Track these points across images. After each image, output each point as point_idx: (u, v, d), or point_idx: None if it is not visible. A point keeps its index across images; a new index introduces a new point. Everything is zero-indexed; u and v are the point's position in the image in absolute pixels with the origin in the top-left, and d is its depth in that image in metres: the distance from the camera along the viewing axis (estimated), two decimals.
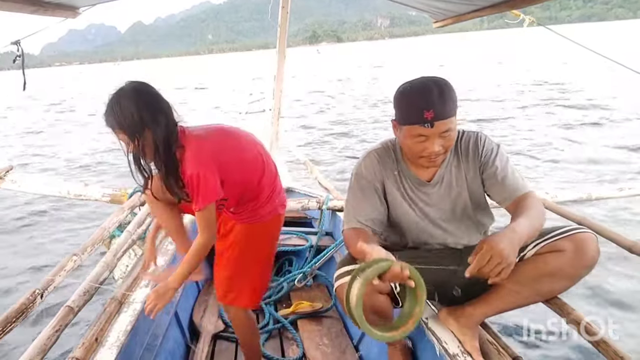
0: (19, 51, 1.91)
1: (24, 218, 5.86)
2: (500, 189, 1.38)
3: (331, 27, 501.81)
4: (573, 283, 1.32)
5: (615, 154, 7.16)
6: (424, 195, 1.47)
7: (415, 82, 1.33)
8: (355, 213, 1.44)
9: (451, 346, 1.38)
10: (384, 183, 1.48)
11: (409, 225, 1.50)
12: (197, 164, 1.38)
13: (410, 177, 1.47)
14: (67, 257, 1.78)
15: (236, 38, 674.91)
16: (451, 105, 1.30)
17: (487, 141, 1.44)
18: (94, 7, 2.12)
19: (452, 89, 1.32)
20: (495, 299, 1.38)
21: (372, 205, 1.45)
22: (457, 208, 1.47)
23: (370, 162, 1.49)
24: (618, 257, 3.13)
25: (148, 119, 1.34)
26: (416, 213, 1.48)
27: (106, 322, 1.54)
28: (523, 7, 1.86)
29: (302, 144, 9.18)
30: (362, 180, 1.47)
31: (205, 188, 1.38)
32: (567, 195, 2.62)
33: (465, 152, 1.45)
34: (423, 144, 1.33)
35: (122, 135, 1.37)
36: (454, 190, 1.45)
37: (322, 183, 3.48)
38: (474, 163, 1.43)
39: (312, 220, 3.32)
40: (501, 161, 1.40)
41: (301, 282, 2.56)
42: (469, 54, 38.91)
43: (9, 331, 1.33)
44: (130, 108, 1.33)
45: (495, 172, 1.39)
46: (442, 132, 1.30)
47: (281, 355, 2.04)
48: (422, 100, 1.28)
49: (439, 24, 2.38)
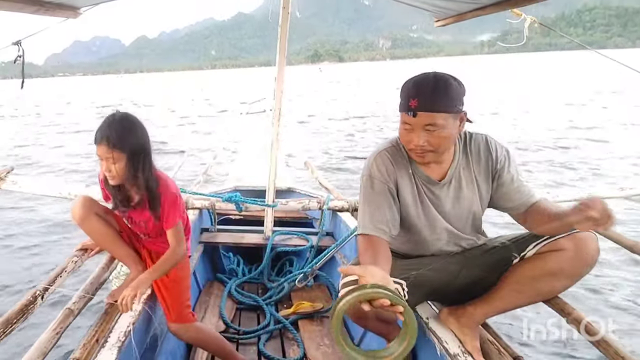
0: (20, 51, 1.91)
1: (24, 218, 5.86)
2: (515, 195, 1.39)
3: (333, 47, 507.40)
4: (573, 282, 1.33)
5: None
6: (432, 196, 1.43)
7: (421, 74, 1.34)
8: (371, 218, 1.37)
9: (452, 346, 1.38)
10: (398, 183, 1.42)
11: (417, 226, 1.46)
12: (175, 188, 1.67)
13: (422, 175, 1.42)
14: (68, 258, 1.79)
15: (239, 54, 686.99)
16: (443, 100, 1.26)
17: (498, 146, 1.43)
18: (96, 6, 2.12)
19: (453, 88, 1.27)
20: (496, 299, 1.38)
21: (388, 207, 1.39)
22: (465, 209, 1.45)
23: (382, 162, 1.42)
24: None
25: (148, 145, 1.59)
26: (425, 213, 1.45)
27: (106, 323, 1.55)
28: (524, 5, 1.85)
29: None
30: (375, 181, 1.40)
31: (179, 208, 1.66)
32: (567, 195, 2.62)
33: (476, 155, 1.42)
34: (409, 134, 1.32)
35: (118, 154, 1.52)
36: (463, 191, 1.43)
37: (323, 183, 3.48)
38: (487, 168, 1.41)
39: (313, 220, 3.33)
40: (515, 168, 1.41)
41: (302, 282, 2.56)
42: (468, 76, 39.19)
43: (9, 332, 1.33)
44: (138, 132, 1.57)
45: (512, 179, 1.40)
46: (426, 125, 1.27)
47: (282, 356, 2.04)
48: (413, 89, 1.29)
49: (441, 23, 2.38)
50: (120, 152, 1.52)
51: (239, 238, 2.85)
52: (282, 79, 2.52)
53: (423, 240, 1.49)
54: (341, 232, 2.76)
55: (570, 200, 2.61)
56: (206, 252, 2.78)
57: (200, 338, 1.81)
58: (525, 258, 1.36)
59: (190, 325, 1.74)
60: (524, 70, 40.32)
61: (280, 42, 2.43)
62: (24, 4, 1.60)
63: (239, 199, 2.75)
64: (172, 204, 1.63)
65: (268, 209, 2.78)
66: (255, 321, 2.34)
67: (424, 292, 1.52)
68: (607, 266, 3.65)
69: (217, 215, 2.93)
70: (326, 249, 2.61)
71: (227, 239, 2.85)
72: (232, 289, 2.53)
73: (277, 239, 2.80)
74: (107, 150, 1.51)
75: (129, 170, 1.55)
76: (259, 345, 2.08)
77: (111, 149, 1.50)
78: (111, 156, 1.51)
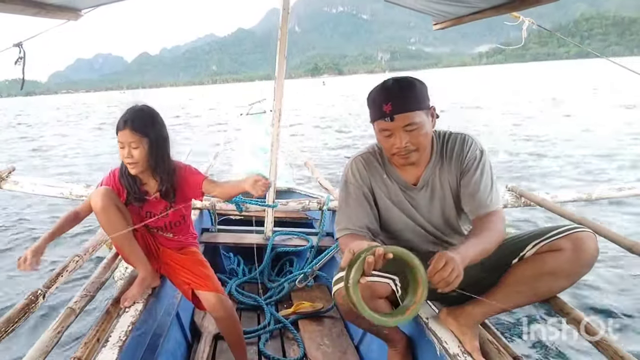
0: (21, 53, 1.92)
1: (25, 218, 5.87)
2: (469, 200, 1.39)
3: (332, 60, 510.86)
4: (572, 282, 1.33)
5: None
6: (410, 199, 1.46)
7: (380, 82, 1.36)
8: (347, 221, 1.43)
9: (451, 346, 1.38)
10: (372, 187, 1.47)
11: (399, 229, 1.50)
12: (194, 169, 1.77)
13: (398, 179, 1.46)
14: (69, 257, 1.80)
15: (239, 69, 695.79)
16: (413, 99, 1.30)
17: (472, 146, 1.42)
18: (96, 8, 2.13)
19: (417, 86, 1.32)
20: (495, 299, 1.39)
21: (364, 211, 1.44)
22: (444, 211, 1.46)
23: (357, 168, 1.48)
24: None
25: (167, 135, 1.69)
26: (405, 217, 1.48)
27: (108, 322, 1.55)
28: (522, 9, 1.86)
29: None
30: (351, 186, 1.46)
31: (197, 174, 1.76)
32: (567, 195, 2.62)
33: (450, 154, 1.43)
34: (390, 139, 1.34)
35: (140, 139, 1.58)
36: (438, 193, 1.45)
37: (323, 184, 3.49)
38: (456, 166, 1.42)
39: (313, 220, 3.33)
40: (481, 172, 1.38)
41: (302, 282, 2.56)
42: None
43: (11, 331, 1.33)
44: (159, 121, 1.65)
45: (469, 182, 1.38)
46: (404, 126, 1.30)
47: (282, 356, 2.04)
48: (382, 95, 1.32)
49: (439, 26, 2.39)
50: (142, 136, 1.58)
51: (239, 238, 2.86)
52: (282, 80, 2.52)
53: (408, 241, 1.51)
54: None
55: (570, 200, 2.62)
56: (206, 252, 2.78)
57: (231, 317, 1.76)
58: (524, 258, 1.36)
59: (227, 299, 1.75)
60: (524, 79, 40.31)
61: (280, 43, 2.43)
62: (25, 6, 1.61)
63: (239, 199, 2.76)
64: (193, 181, 1.72)
65: (268, 209, 2.79)
66: (255, 321, 2.35)
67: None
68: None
69: (217, 215, 2.95)
70: (326, 249, 2.62)
71: (227, 239, 2.86)
72: (233, 288, 2.54)
73: (277, 239, 2.80)
74: (130, 135, 1.56)
75: (151, 156, 1.60)
76: (259, 345, 2.09)
77: (134, 134, 1.56)
78: (134, 140, 1.57)
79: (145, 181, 1.70)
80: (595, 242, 1.29)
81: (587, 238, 1.27)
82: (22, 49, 1.86)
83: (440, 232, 1.50)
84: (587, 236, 1.28)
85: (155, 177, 1.68)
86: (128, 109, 1.61)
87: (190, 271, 1.76)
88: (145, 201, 1.71)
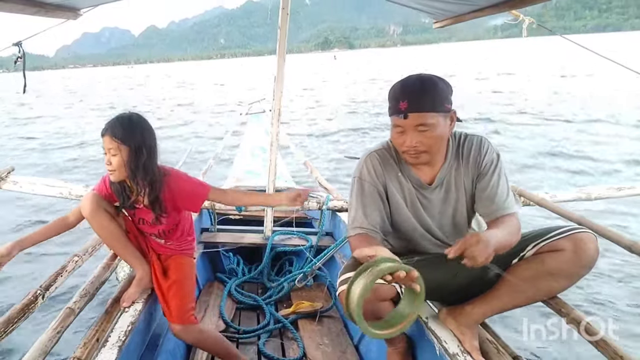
0: (20, 52, 1.91)
1: (25, 218, 5.86)
2: (486, 203, 1.38)
3: (343, 34, 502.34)
4: (572, 282, 1.33)
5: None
6: (423, 199, 1.45)
7: (405, 77, 1.36)
8: (360, 219, 1.39)
9: (451, 345, 1.38)
10: (387, 185, 1.44)
11: (408, 229, 1.48)
12: (185, 176, 1.74)
13: (412, 178, 1.44)
14: (69, 257, 1.79)
15: (248, 43, 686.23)
16: (430, 100, 1.28)
17: (489, 149, 1.41)
18: (96, 7, 2.13)
19: (438, 87, 1.30)
20: (494, 299, 1.39)
21: (377, 209, 1.41)
22: (456, 213, 1.46)
23: (371, 164, 1.44)
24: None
25: (152, 146, 1.63)
26: (416, 216, 1.46)
27: (107, 323, 1.55)
28: (523, 7, 1.86)
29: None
30: (365, 183, 1.43)
31: (197, 186, 1.74)
32: (567, 195, 2.62)
33: (466, 156, 1.42)
34: (402, 136, 1.33)
35: (119, 147, 1.55)
36: (453, 194, 1.44)
37: (322, 183, 3.48)
38: (473, 170, 1.42)
39: (313, 220, 3.33)
40: (498, 175, 1.39)
41: (301, 282, 2.56)
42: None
43: (10, 331, 1.33)
44: (144, 131, 1.61)
45: (487, 185, 1.38)
46: (417, 126, 1.29)
47: (281, 355, 2.04)
48: (400, 92, 1.31)
49: (439, 25, 2.39)
50: (121, 143, 1.55)
51: (239, 238, 2.86)
52: (281, 80, 2.52)
53: (415, 241, 1.50)
54: (340, 232, 2.77)
55: (569, 200, 2.62)
56: (206, 252, 2.78)
57: (203, 339, 1.77)
58: (524, 258, 1.36)
59: (193, 327, 1.71)
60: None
61: (280, 44, 2.43)
62: (24, 5, 1.61)
63: None
64: (190, 193, 1.70)
65: (268, 208, 2.79)
66: (255, 321, 2.35)
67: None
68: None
69: (217, 215, 2.94)
70: (326, 248, 2.61)
71: (227, 239, 2.86)
72: (232, 288, 2.54)
73: (276, 238, 2.80)
74: (109, 141, 1.55)
75: (129, 165, 1.57)
76: (259, 344, 2.08)
77: (113, 140, 1.54)
78: (113, 147, 1.55)
79: (133, 189, 1.67)
80: (596, 243, 1.29)
81: (588, 239, 1.28)
82: (21, 48, 1.86)
83: (446, 236, 1.48)
84: (588, 237, 1.28)
85: (139, 187, 1.64)
86: (117, 115, 1.60)
87: (167, 292, 1.72)
88: (135, 208, 1.70)
